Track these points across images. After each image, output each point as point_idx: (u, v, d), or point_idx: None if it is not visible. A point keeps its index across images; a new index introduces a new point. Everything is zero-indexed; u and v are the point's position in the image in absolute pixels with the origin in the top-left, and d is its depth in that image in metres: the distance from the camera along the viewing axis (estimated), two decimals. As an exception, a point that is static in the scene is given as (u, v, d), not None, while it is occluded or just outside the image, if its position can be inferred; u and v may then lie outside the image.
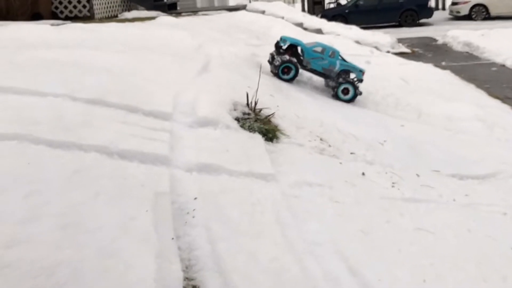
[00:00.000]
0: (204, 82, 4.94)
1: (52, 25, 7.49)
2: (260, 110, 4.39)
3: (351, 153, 4.30)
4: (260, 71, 5.04)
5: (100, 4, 10.35)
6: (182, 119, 3.89)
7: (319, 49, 6.62)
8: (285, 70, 6.41)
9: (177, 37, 6.94)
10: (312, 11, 18.93)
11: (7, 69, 3.80)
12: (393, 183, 3.98)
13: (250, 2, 13.90)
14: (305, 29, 11.57)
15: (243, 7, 12.68)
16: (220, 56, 6.44)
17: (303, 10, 19.31)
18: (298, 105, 5.23)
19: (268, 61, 6.68)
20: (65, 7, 10.01)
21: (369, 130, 5.09)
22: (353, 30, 11.86)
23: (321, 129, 4.59)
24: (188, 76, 5.04)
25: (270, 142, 3.99)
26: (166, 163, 3.19)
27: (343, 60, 6.70)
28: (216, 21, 10.30)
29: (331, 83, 6.54)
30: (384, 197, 3.71)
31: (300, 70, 6.52)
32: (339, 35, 11.06)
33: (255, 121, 4.16)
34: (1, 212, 2.25)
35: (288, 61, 6.40)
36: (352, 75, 6.56)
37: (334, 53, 6.62)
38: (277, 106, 4.74)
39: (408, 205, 3.68)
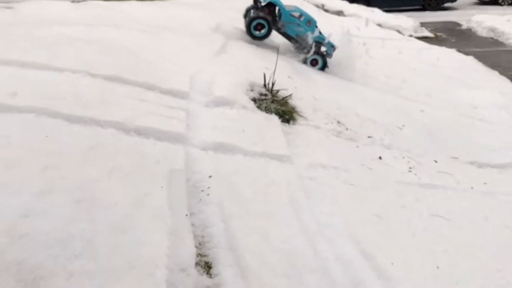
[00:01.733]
0: (221, 62, 4.92)
1: (73, 1, 7.51)
2: (278, 91, 4.36)
3: (369, 137, 4.26)
4: (278, 52, 5.00)
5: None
6: (199, 98, 3.89)
7: (297, 14, 6.47)
8: (258, 27, 6.19)
9: (195, 17, 6.89)
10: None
11: (27, 45, 3.82)
12: (410, 168, 3.94)
13: (271, -18, 13.71)
14: (326, 10, 11.43)
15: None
16: (238, 37, 6.40)
17: (325, -8, 19.05)
18: (316, 87, 5.19)
19: (243, 15, 6.47)
20: (86, -16, 10.02)
21: (387, 114, 5.03)
22: (375, 13, 11.68)
23: (338, 112, 4.55)
24: (205, 56, 5.02)
25: (286, 124, 3.97)
26: (182, 141, 3.20)
27: (319, 32, 6.58)
28: (235, 0, 10.22)
29: (303, 51, 6.44)
30: (400, 181, 3.68)
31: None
32: (361, 17, 10.88)
33: (272, 102, 4.14)
34: (18, 183, 2.28)
35: (262, 17, 6.17)
36: (323, 48, 6.47)
37: (311, 22, 6.49)
38: (295, 87, 4.70)
39: (424, 190, 3.64)
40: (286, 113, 4.07)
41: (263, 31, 6.22)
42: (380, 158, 3.94)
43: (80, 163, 2.58)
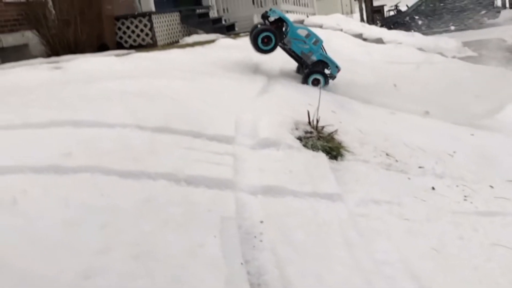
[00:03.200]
0: (264, 102, 4.99)
1: (117, 55, 7.82)
2: (323, 127, 4.36)
3: (419, 167, 4.19)
4: (320, 87, 5.03)
5: (161, 31, 10.71)
6: (245, 141, 3.94)
7: (304, 32, 6.47)
8: (265, 40, 6.18)
9: (235, 59, 7.05)
10: (371, 20, 18.70)
11: (78, 104, 4.00)
12: (465, 196, 3.83)
13: (307, 17, 13.90)
14: (365, 39, 11.43)
15: (301, 23, 12.69)
16: (278, 75, 6.48)
17: (362, 20, 19.12)
18: (361, 120, 5.16)
19: (250, 32, 6.48)
20: (129, 37, 10.44)
21: (437, 141, 4.93)
22: (416, 37, 11.61)
23: (386, 144, 4.50)
24: (248, 97, 5.11)
25: (334, 160, 3.96)
26: (231, 187, 3.23)
27: (324, 51, 6.56)
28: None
29: (305, 70, 6.43)
30: (456, 211, 3.58)
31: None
32: (401, 43, 10.84)
33: (318, 139, 4.14)
34: (78, 243, 2.36)
35: (270, 30, 6.16)
36: (327, 71, 6.45)
37: (318, 42, 6.48)
38: (340, 122, 4.70)
39: (482, 219, 3.53)
40: (333, 149, 4.06)
41: (271, 44, 6.23)
42: (433, 188, 3.86)
43: (135, 217, 2.65)
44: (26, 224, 2.41)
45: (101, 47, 9.49)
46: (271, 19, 6.40)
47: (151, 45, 10.28)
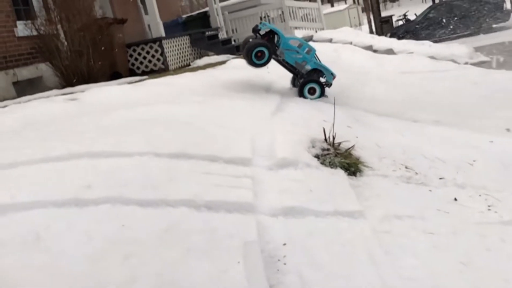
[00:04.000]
0: (279, 121, 4.98)
1: (130, 82, 7.92)
2: (339, 144, 4.34)
3: (440, 178, 4.13)
4: (334, 103, 5.00)
5: (172, 56, 10.82)
6: (262, 163, 3.93)
7: (296, 42, 6.50)
8: (259, 54, 6.17)
9: (246, 79, 7.08)
10: (380, 31, 18.70)
11: (95, 135, 4.03)
12: (488, 206, 3.77)
13: (316, 32, 13.95)
14: (375, 51, 11.42)
15: (310, 39, 12.74)
16: (292, 93, 6.49)
17: (371, 32, 19.13)
18: (377, 133, 5.13)
19: (241, 47, 6.50)
20: (141, 63, 10.56)
21: (455, 150, 4.87)
22: (426, 46, 11.54)
23: (404, 156, 4.46)
24: (262, 117, 5.11)
25: (353, 176, 3.93)
26: (251, 210, 3.22)
27: (317, 59, 6.56)
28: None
29: (300, 80, 6.41)
30: (480, 222, 3.52)
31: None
32: (412, 52, 10.80)
33: (335, 156, 4.12)
34: (103, 276, 2.36)
35: (263, 44, 6.17)
36: (322, 79, 6.46)
37: (311, 51, 6.50)
38: (356, 137, 4.67)
39: (508, 228, 3.46)
40: (351, 165, 4.03)
41: (264, 58, 6.24)
42: (455, 199, 3.80)
43: (158, 247, 2.64)
44: (51, 260, 2.42)
45: (114, 75, 9.61)
46: (262, 32, 6.45)
47: (163, 70, 10.39)
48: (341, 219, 3.27)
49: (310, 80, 6.36)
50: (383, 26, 19.46)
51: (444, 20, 16.11)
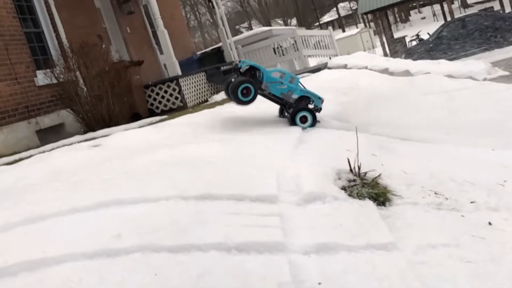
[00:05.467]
0: (302, 154, 4.95)
1: (151, 123, 8.00)
2: (365, 173, 4.28)
3: (472, 202, 4.04)
4: (356, 131, 4.97)
5: (190, 93, 10.94)
6: (289, 198, 3.88)
7: (278, 74, 6.48)
8: (245, 91, 6.18)
9: (265, 111, 7.09)
10: (394, 53, 18.70)
11: (121, 180, 4.05)
12: (526, 228, 3.66)
13: (330, 58, 14.00)
14: (391, 73, 11.40)
15: (325, 66, 12.79)
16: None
17: (385, 54, 19.14)
18: (402, 159, 5.05)
19: (225, 87, 6.52)
20: (160, 102, 10.68)
21: (484, 171, 4.78)
22: (442, 64, 11.49)
23: (432, 181, 4.38)
24: (285, 151, 5.08)
25: (382, 207, 3.86)
26: (282, 250, 3.16)
27: (303, 86, 6.52)
28: (301, 85, 10.46)
29: (289, 110, 6.36)
30: (519, 246, 3.41)
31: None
32: (428, 72, 10.75)
33: (363, 186, 4.06)
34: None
35: (248, 81, 6.17)
36: (311, 106, 6.41)
37: (294, 79, 6.48)
38: (382, 164, 4.61)
39: (550, 251, 3.34)
40: (379, 195, 3.97)
41: (250, 95, 6.25)
42: (490, 223, 3.70)
43: (192, 295, 2.61)
44: (86, 316, 2.40)
45: (134, 116, 9.74)
46: (243, 69, 6.49)
47: (182, 108, 10.48)
48: (374, 252, 3.20)
49: (300, 108, 6.34)
50: (397, 46, 19.46)
51: (458, 37, 16.04)
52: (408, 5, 47.79)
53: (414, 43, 19.34)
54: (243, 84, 6.22)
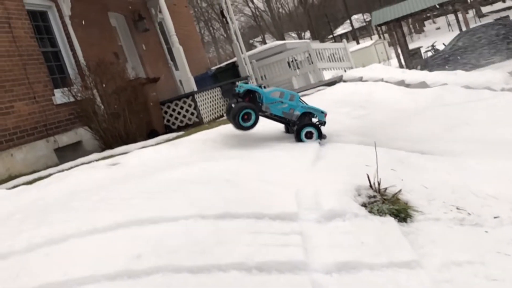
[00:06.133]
0: (321, 170, 4.92)
1: (168, 140, 8.03)
2: (385, 189, 4.23)
3: (495, 217, 3.97)
4: (375, 146, 4.92)
5: (205, 108, 10.99)
6: (308, 216, 3.84)
7: (277, 93, 6.44)
8: (245, 116, 6.15)
9: (281, 126, 7.07)
10: (410, 64, 18.61)
11: (140, 199, 4.05)
12: (552, 243, 3.57)
13: (345, 71, 13.97)
14: (408, 85, 11.31)
15: (340, 79, 12.76)
16: (328, 139, 6.43)
17: (400, 65, 19.05)
18: (422, 173, 4.99)
19: (225, 111, 6.50)
20: (176, 118, 10.74)
21: (506, 184, 4.69)
22: (459, 75, 11.38)
23: (454, 196, 4.31)
24: (303, 167, 5.05)
25: (404, 223, 3.81)
26: (304, 269, 3.12)
27: (303, 102, 6.49)
28: (315, 99, 10.43)
29: (294, 127, 6.32)
30: (546, 263, 3.33)
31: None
32: (445, 84, 10.64)
33: (383, 202, 4.01)
34: None
35: (248, 106, 6.16)
36: (315, 120, 6.38)
37: (294, 96, 6.44)
38: (402, 179, 4.56)
39: None
40: (400, 211, 3.91)
41: (251, 119, 6.24)
42: (515, 239, 3.63)
43: (213, 317, 2.58)
44: None
45: (151, 133, 9.80)
46: (242, 94, 6.49)
47: (198, 123, 10.52)
48: (397, 270, 3.14)
49: (304, 125, 6.32)
50: (412, 58, 19.35)
51: (474, 47, 15.91)
52: (422, 15, 47.67)
53: (429, 53, 19.25)
54: (244, 109, 6.22)
